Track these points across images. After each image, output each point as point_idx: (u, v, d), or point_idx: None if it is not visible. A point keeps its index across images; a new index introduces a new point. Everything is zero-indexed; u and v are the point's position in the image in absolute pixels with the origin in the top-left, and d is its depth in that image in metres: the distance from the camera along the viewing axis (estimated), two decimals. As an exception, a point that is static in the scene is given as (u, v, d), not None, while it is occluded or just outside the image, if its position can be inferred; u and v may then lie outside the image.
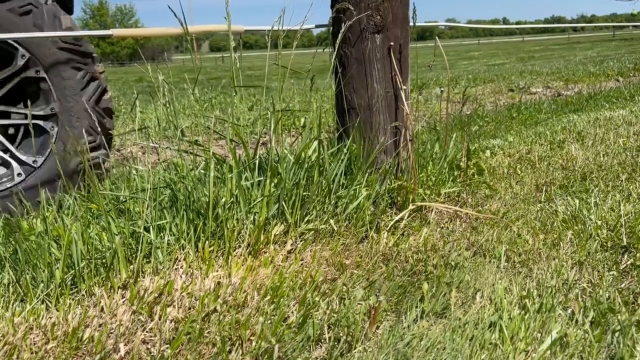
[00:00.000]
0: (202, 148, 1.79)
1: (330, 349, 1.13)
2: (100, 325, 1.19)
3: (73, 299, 1.30)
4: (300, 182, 1.72)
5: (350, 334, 1.17)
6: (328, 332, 1.19)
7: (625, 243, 1.57)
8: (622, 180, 2.19)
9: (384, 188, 1.92)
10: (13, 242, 1.56)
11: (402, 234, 1.73)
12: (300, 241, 1.63)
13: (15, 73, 2.23)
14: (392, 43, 1.94)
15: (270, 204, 1.65)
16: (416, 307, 1.29)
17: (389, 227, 1.75)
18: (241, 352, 1.11)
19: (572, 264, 1.49)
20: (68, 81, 2.29)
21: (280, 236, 1.62)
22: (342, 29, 1.93)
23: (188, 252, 1.49)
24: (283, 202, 1.67)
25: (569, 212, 1.86)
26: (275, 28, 1.83)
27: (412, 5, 2.01)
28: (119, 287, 1.34)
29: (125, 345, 1.13)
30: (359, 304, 1.29)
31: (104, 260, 1.41)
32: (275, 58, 1.86)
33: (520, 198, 2.09)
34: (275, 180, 1.72)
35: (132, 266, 1.40)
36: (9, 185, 2.24)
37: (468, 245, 1.67)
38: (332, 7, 1.99)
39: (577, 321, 1.20)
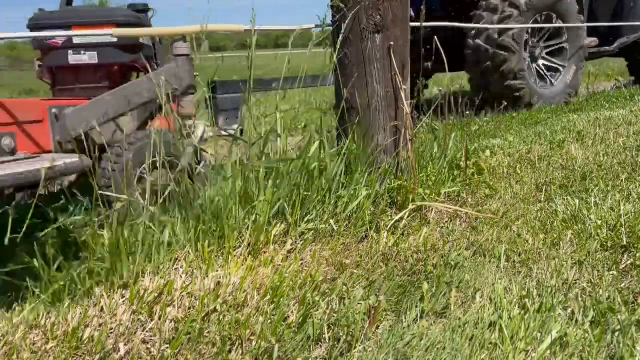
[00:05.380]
0: (203, 147, 1.80)
1: (330, 349, 1.13)
2: (100, 325, 1.19)
3: (73, 299, 1.30)
4: (300, 182, 1.72)
5: (350, 333, 1.17)
6: (328, 332, 1.19)
7: (625, 243, 1.57)
8: (622, 180, 2.19)
9: (384, 188, 1.92)
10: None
11: (402, 234, 1.73)
12: (300, 241, 1.63)
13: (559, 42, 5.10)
14: (392, 43, 1.94)
15: (271, 204, 1.65)
16: (416, 306, 1.29)
17: (389, 227, 1.75)
18: (241, 352, 1.11)
19: (572, 264, 1.49)
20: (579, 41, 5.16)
21: (280, 236, 1.62)
22: (342, 29, 1.93)
23: (188, 251, 1.49)
24: (284, 202, 1.67)
25: (569, 212, 1.86)
26: (275, 28, 1.83)
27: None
28: (118, 287, 1.34)
29: (125, 345, 1.13)
30: (359, 303, 1.29)
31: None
32: (274, 58, 1.86)
33: (520, 198, 2.09)
34: (277, 181, 1.72)
35: (132, 266, 1.40)
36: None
37: (468, 245, 1.66)
38: (332, 7, 1.99)
39: (577, 321, 1.20)
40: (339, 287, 1.35)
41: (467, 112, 3.92)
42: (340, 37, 1.93)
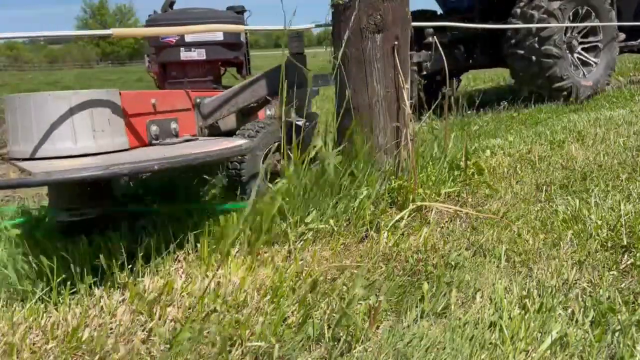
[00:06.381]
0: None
1: (330, 349, 1.13)
2: (100, 325, 1.19)
3: (73, 299, 1.30)
4: (301, 182, 1.72)
5: (350, 333, 1.17)
6: (328, 332, 1.19)
7: (625, 243, 1.57)
8: (622, 180, 2.19)
9: (384, 188, 1.92)
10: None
11: (402, 234, 1.73)
12: (300, 241, 1.63)
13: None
14: (392, 43, 1.94)
15: (272, 204, 1.65)
16: (416, 307, 1.29)
17: (389, 227, 1.74)
18: (241, 352, 1.11)
19: (572, 264, 1.49)
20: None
21: (280, 236, 1.62)
22: (342, 29, 1.93)
23: (188, 251, 1.49)
24: (284, 202, 1.67)
25: (569, 212, 1.86)
26: (275, 28, 1.83)
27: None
28: (118, 287, 1.34)
29: (125, 345, 1.13)
30: (359, 304, 1.29)
31: (104, 260, 1.41)
32: (275, 58, 1.86)
33: (521, 198, 2.09)
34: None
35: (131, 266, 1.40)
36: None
37: (468, 245, 1.66)
38: (332, 7, 1.99)
39: (577, 321, 1.20)
40: (339, 287, 1.35)
41: (468, 112, 3.92)
42: (340, 37, 1.93)
